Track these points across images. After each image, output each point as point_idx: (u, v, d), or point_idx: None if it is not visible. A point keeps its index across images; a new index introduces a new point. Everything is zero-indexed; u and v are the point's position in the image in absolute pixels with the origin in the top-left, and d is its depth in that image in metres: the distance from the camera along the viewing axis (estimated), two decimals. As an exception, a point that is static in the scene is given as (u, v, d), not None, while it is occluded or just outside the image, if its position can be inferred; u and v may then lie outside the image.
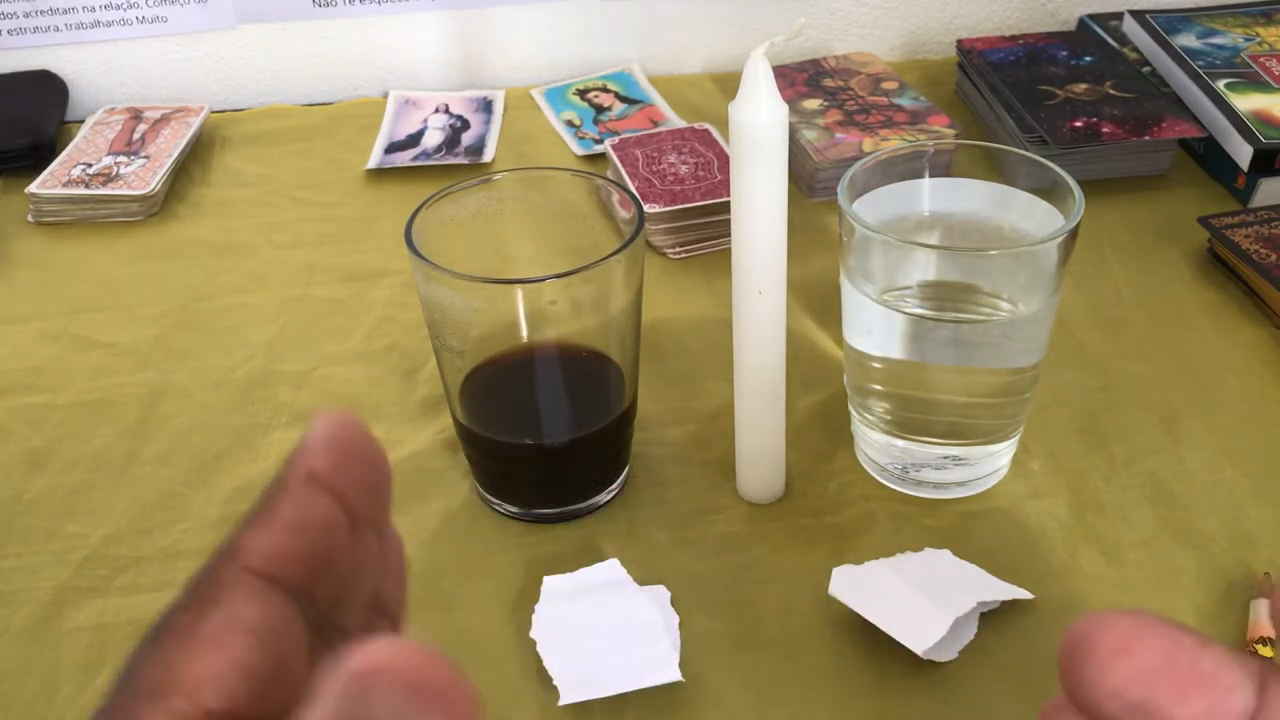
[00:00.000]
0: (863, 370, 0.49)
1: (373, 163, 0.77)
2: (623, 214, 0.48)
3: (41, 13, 0.84)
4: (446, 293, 0.44)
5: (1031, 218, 0.48)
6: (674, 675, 0.41)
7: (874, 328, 0.47)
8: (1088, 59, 0.79)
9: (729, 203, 0.43)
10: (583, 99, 0.85)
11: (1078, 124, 0.71)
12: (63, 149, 0.78)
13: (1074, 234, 0.44)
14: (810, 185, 0.72)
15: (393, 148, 0.79)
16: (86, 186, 0.73)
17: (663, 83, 0.87)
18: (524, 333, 0.47)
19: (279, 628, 0.18)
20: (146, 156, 0.76)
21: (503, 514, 0.50)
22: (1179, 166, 0.73)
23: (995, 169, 0.50)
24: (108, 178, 0.74)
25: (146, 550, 0.49)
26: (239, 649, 0.18)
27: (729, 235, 0.44)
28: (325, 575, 0.20)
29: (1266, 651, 0.42)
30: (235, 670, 0.18)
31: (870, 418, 0.50)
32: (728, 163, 0.56)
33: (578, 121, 0.82)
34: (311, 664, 0.19)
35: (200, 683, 0.18)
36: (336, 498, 0.20)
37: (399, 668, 0.15)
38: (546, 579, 0.45)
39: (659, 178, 0.69)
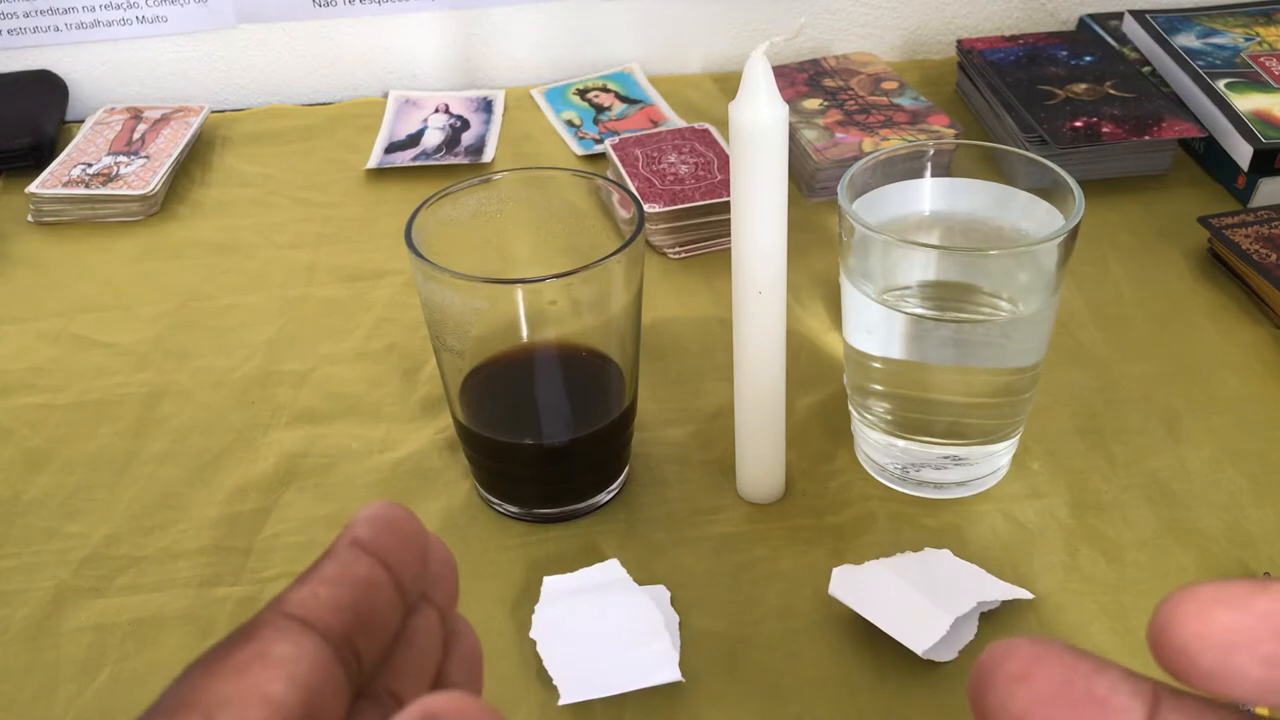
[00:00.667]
0: (863, 370, 0.49)
1: (373, 163, 0.77)
2: (623, 214, 0.49)
3: (41, 13, 0.84)
4: (446, 293, 0.44)
5: (1031, 218, 0.48)
6: (674, 675, 0.41)
7: (874, 328, 0.47)
8: (1088, 59, 0.79)
9: (729, 203, 0.43)
10: (583, 99, 0.85)
11: (1078, 124, 0.71)
12: (63, 149, 0.78)
13: (1074, 234, 0.44)
14: (810, 185, 0.72)
15: (393, 148, 0.79)
16: (86, 186, 0.73)
17: (663, 83, 0.87)
18: (524, 333, 0.47)
19: (310, 667, 0.19)
20: (146, 156, 0.76)
21: (503, 514, 0.50)
22: (1179, 166, 0.73)
23: (995, 169, 0.50)
24: (108, 178, 0.74)
25: (146, 550, 0.49)
26: (263, 679, 0.18)
27: (729, 235, 0.44)
28: (366, 630, 0.20)
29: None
30: (254, 698, 0.18)
31: (870, 417, 0.50)
32: (728, 163, 0.56)
33: (578, 121, 0.82)
34: (352, 717, 0.20)
35: (218, 706, 0.18)
36: (379, 561, 0.21)
37: (461, 714, 0.17)
38: (546, 579, 0.45)
39: (659, 178, 0.69)
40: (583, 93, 0.86)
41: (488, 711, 0.17)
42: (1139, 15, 0.83)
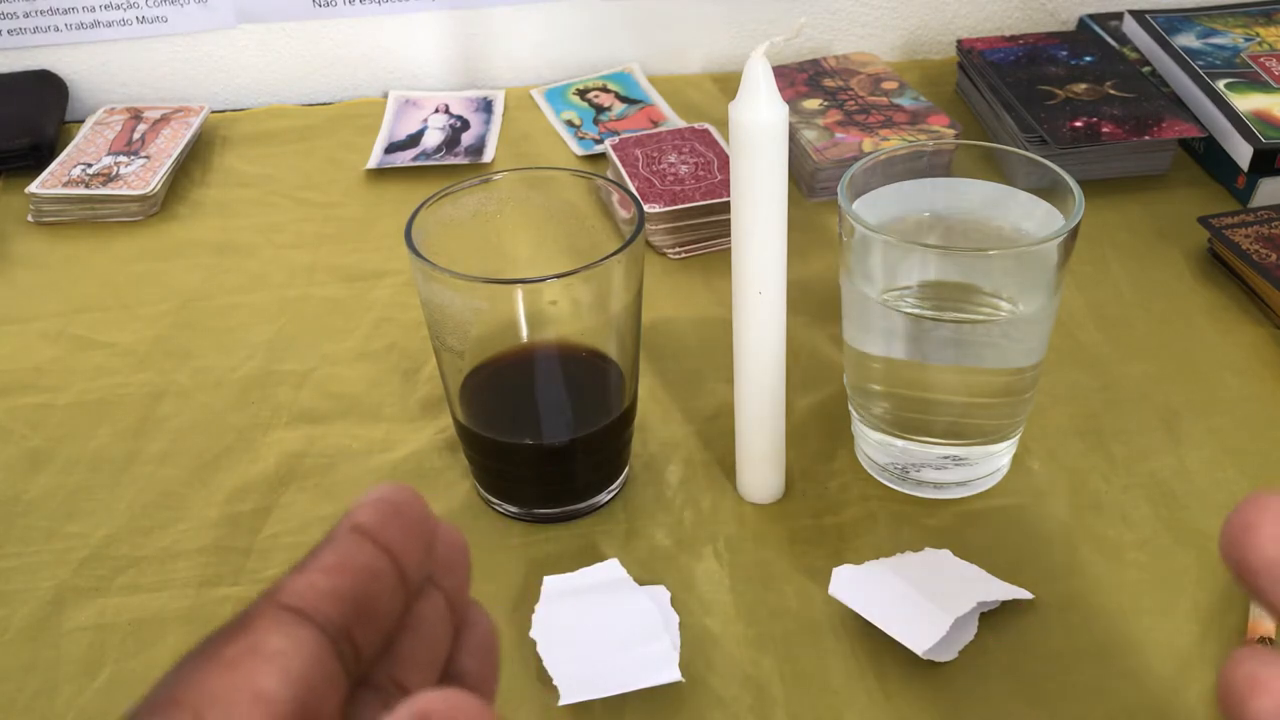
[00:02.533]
0: (863, 370, 0.49)
1: (373, 163, 0.77)
2: (623, 214, 0.49)
3: (41, 13, 0.84)
4: (446, 293, 0.44)
5: (1031, 218, 0.48)
6: (674, 675, 0.41)
7: (874, 328, 0.47)
8: (1088, 59, 0.79)
9: (729, 203, 0.43)
10: (583, 99, 0.85)
11: (1078, 124, 0.71)
12: (63, 149, 0.78)
13: (1074, 234, 0.44)
14: (810, 185, 0.72)
15: (393, 148, 0.79)
16: (86, 186, 0.73)
17: (663, 83, 0.87)
18: (524, 333, 0.47)
19: (305, 661, 0.19)
20: (146, 156, 0.76)
21: (503, 514, 0.50)
22: (1179, 166, 0.73)
23: (995, 169, 0.50)
24: (108, 178, 0.74)
25: (146, 550, 0.49)
26: (255, 674, 0.18)
27: (729, 235, 0.44)
28: (366, 620, 0.20)
29: (1266, 651, 0.42)
30: (246, 694, 0.18)
31: (870, 417, 0.50)
32: (728, 163, 0.56)
33: (578, 121, 0.82)
34: (352, 710, 0.20)
35: (207, 701, 0.18)
36: (381, 548, 0.20)
37: (455, 712, 0.16)
38: (546, 579, 0.45)
39: (659, 178, 0.69)
40: (583, 93, 0.86)
41: (483, 710, 0.17)
42: (1139, 15, 0.83)
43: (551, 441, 0.48)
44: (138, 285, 0.67)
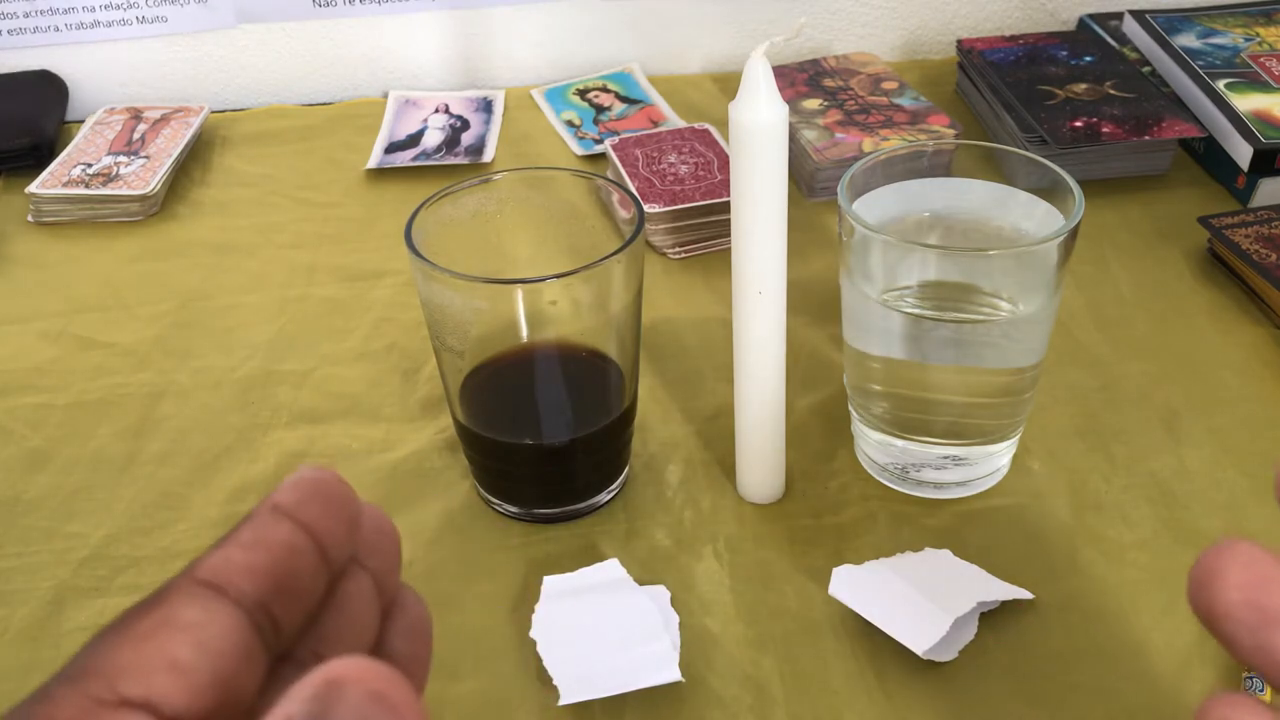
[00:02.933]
0: (863, 370, 0.49)
1: (373, 163, 0.77)
2: (623, 214, 0.49)
3: (41, 13, 0.84)
4: (446, 293, 0.44)
5: (1031, 218, 0.48)
6: (674, 675, 0.41)
7: (874, 328, 0.47)
8: (1088, 59, 0.79)
9: (729, 203, 0.43)
10: (583, 99, 0.85)
11: (1078, 124, 0.71)
12: (63, 149, 0.78)
13: (1074, 234, 0.44)
14: (810, 185, 0.72)
15: (393, 148, 0.79)
16: (86, 186, 0.73)
17: (663, 83, 0.87)
18: (524, 333, 0.47)
19: (220, 633, 0.19)
20: (146, 156, 0.76)
21: (503, 514, 0.50)
22: (1179, 166, 0.73)
23: (995, 169, 0.50)
24: (108, 178, 0.74)
25: (146, 550, 0.49)
26: (169, 645, 0.18)
27: (729, 235, 0.44)
28: (285, 596, 0.20)
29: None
30: (159, 664, 0.18)
31: (870, 418, 0.50)
32: (728, 163, 0.56)
33: (578, 121, 0.82)
34: (275, 685, 0.20)
35: (120, 671, 0.18)
36: (300, 526, 0.21)
37: (366, 679, 0.17)
38: (546, 579, 0.45)
39: (659, 178, 0.69)
40: (583, 93, 0.86)
41: (394, 679, 0.17)
42: (1139, 15, 0.83)
43: (551, 441, 0.48)
44: (138, 285, 0.67)
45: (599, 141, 0.79)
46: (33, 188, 0.73)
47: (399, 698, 0.17)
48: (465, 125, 0.82)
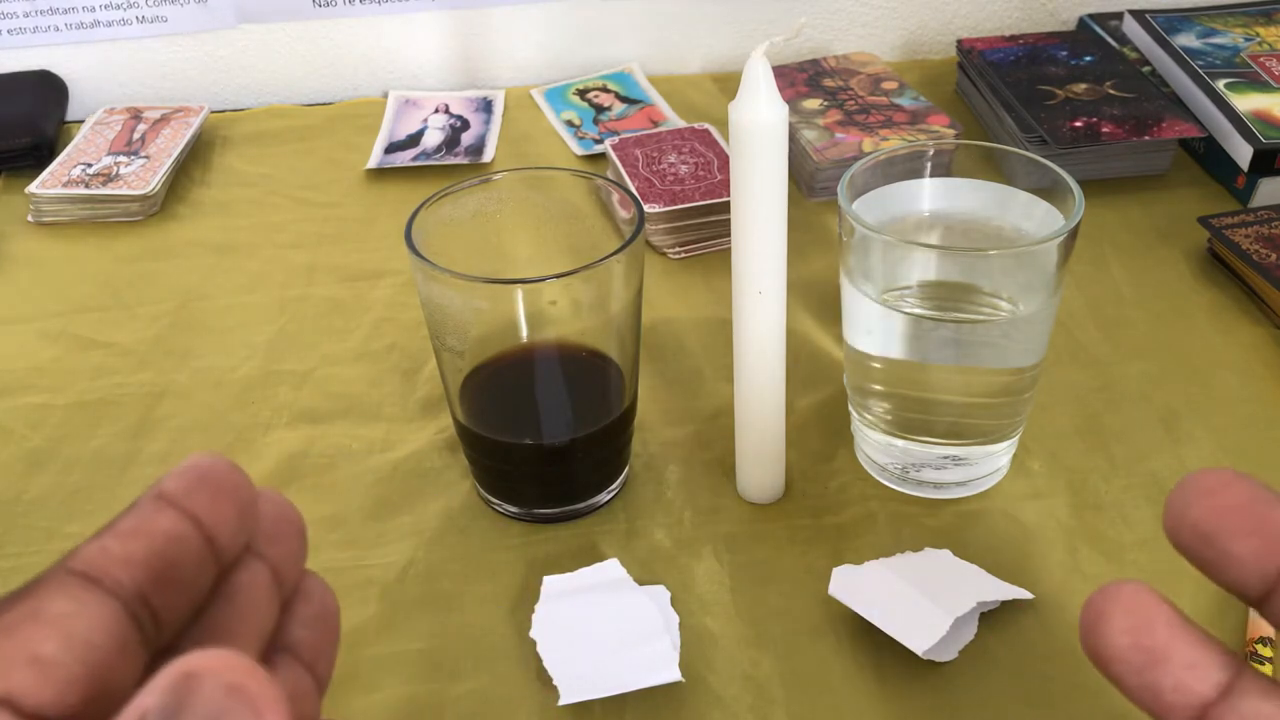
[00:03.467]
0: (863, 370, 0.49)
1: (373, 163, 0.77)
2: (623, 214, 0.49)
3: (41, 13, 0.84)
4: (446, 293, 0.44)
5: (1031, 218, 0.48)
6: (674, 675, 0.41)
7: (874, 328, 0.47)
8: (1088, 59, 0.79)
9: (729, 203, 0.43)
10: (583, 99, 0.85)
11: (1078, 124, 0.71)
12: (63, 149, 0.78)
13: (1074, 234, 0.44)
14: (810, 185, 0.72)
15: (393, 148, 0.79)
16: (86, 186, 0.73)
17: (663, 83, 0.87)
18: (524, 333, 0.47)
19: (90, 625, 0.18)
20: (146, 156, 0.76)
21: (503, 514, 0.50)
22: (1179, 166, 0.73)
23: (995, 169, 0.50)
24: (108, 178, 0.74)
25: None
26: (34, 638, 0.18)
27: (729, 235, 0.44)
28: (167, 586, 0.19)
29: (1267, 651, 0.42)
30: (21, 659, 0.18)
31: (870, 418, 0.50)
32: (728, 163, 0.56)
33: (578, 121, 0.82)
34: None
35: None
36: (186, 514, 0.20)
37: (222, 671, 0.16)
38: (546, 579, 0.45)
39: (659, 178, 0.69)
40: (583, 93, 0.86)
41: (253, 671, 0.17)
42: (1139, 15, 0.83)
43: (551, 441, 0.48)
44: (138, 285, 0.67)
45: (599, 141, 0.79)
46: (33, 188, 0.73)
47: (257, 690, 0.16)
48: (465, 125, 0.82)
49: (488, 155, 0.78)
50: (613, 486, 0.51)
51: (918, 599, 0.43)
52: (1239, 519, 0.22)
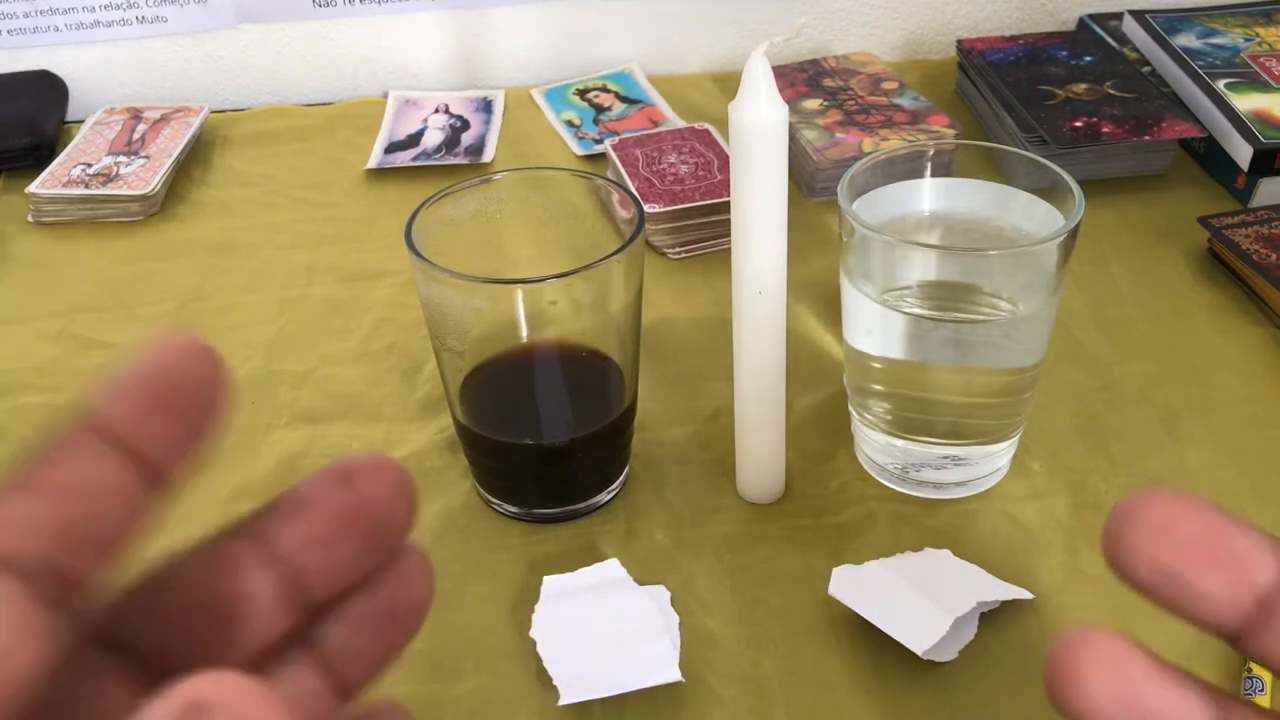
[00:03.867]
0: (863, 370, 0.49)
1: (373, 163, 0.77)
2: (623, 214, 0.49)
3: (41, 13, 0.84)
4: (446, 293, 0.44)
5: (1031, 218, 0.48)
6: (674, 675, 0.41)
7: (874, 328, 0.47)
8: (1088, 59, 0.79)
9: (729, 203, 0.43)
10: (583, 99, 0.85)
11: (1078, 124, 0.71)
12: (63, 149, 0.78)
13: (1074, 234, 0.44)
14: (810, 185, 0.72)
15: (393, 148, 0.79)
16: (86, 186, 0.73)
17: (663, 83, 0.87)
18: (524, 333, 0.47)
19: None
20: (146, 156, 0.76)
21: (503, 514, 0.50)
22: (1179, 166, 0.73)
23: (995, 169, 0.50)
24: (108, 178, 0.74)
25: (146, 550, 0.49)
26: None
27: (729, 235, 0.44)
28: (157, 418, 0.18)
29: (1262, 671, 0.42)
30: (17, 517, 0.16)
31: (870, 418, 0.50)
32: (728, 163, 0.56)
33: (578, 121, 0.82)
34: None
35: None
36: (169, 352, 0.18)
37: (231, 703, 0.15)
38: (546, 579, 0.45)
39: (659, 178, 0.69)
40: (583, 93, 0.86)
41: (267, 701, 0.15)
42: (1139, 15, 0.83)
43: (551, 441, 0.48)
44: (138, 285, 0.67)
45: (599, 141, 0.79)
46: (33, 188, 0.73)
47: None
48: (465, 125, 0.82)
49: (488, 155, 0.78)
50: (613, 486, 0.51)
51: (918, 599, 0.43)
52: (1199, 551, 0.20)
